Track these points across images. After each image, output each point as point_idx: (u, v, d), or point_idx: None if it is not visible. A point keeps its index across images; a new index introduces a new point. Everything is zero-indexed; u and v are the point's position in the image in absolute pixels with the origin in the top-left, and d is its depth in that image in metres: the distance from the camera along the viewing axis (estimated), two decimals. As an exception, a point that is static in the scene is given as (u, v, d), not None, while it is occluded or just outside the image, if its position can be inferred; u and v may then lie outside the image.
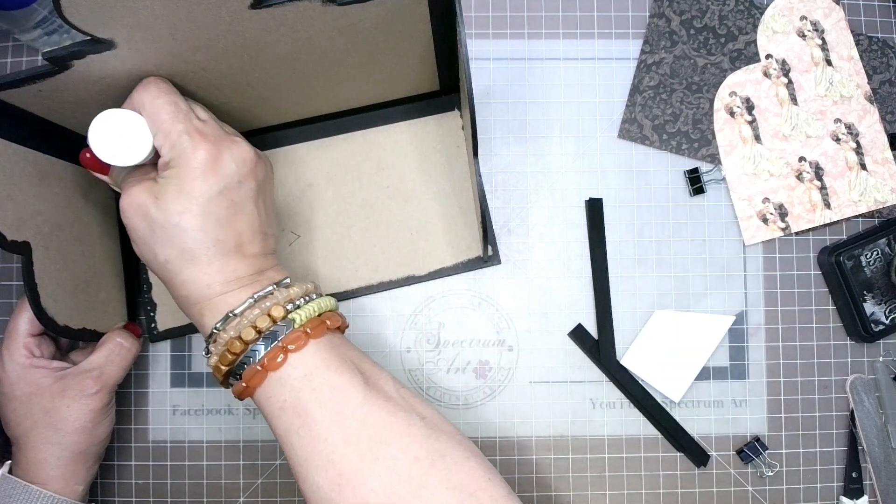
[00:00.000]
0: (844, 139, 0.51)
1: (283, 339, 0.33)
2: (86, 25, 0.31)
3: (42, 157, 0.40)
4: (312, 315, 0.35)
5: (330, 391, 0.33)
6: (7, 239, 0.35)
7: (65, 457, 0.41)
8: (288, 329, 0.34)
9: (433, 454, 0.32)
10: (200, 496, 0.49)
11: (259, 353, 0.33)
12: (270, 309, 0.34)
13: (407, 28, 0.38)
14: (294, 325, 0.34)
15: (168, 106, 0.35)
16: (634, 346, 0.50)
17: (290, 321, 0.34)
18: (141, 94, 0.35)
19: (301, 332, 0.34)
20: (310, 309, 0.35)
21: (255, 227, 0.37)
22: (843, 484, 0.50)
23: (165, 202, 0.34)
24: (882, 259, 0.49)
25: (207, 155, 0.34)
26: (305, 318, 0.35)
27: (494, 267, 0.50)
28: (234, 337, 0.33)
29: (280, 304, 0.34)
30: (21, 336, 0.41)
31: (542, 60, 0.52)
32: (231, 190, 0.35)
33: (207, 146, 0.34)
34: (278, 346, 0.33)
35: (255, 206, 0.37)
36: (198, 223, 0.34)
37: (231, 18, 0.33)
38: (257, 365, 0.33)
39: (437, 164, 0.50)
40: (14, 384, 0.41)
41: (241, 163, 0.36)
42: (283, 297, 0.35)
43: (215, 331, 0.34)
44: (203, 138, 0.34)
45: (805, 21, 0.51)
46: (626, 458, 0.50)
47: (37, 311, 0.38)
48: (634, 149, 0.51)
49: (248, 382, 0.34)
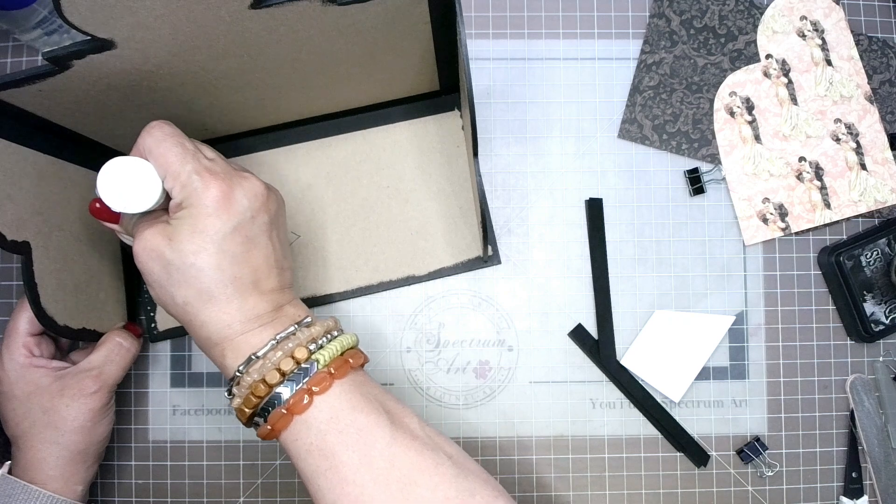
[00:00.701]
0: (844, 139, 0.51)
1: (308, 381, 0.33)
2: (86, 25, 0.31)
3: (42, 157, 0.40)
4: (336, 355, 0.35)
5: (357, 432, 0.33)
6: (7, 239, 0.35)
7: (64, 456, 0.41)
8: (312, 370, 0.33)
9: (463, 493, 0.32)
10: (200, 496, 0.49)
11: (284, 395, 0.33)
12: (294, 350, 0.34)
13: (407, 28, 0.38)
14: (318, 366, 0.33)
15: (175, 147, 0.34)
16: (634, 346, 0.50)
17: (313, 362, 0.34)
18: (146, 139, 0.35)
19: (325, 373, 0.33)
20: (333, 348, 0.35)
21: (271, 262, 0.36)
22: (843, 484, 0.50)
23: (180, 243, 0.33)
24: (882, 259, 0.49)
25: (219, 192, 0.34)
26: (329, 359, 0.34)
27: (494, 267, 0.50)
28: (258, 380, 0.33)
29: (303, 345, 0.34)
30: (21, 336, 0.41)
31: (542, 60, 0.52)
32: (245, 226, 0.35)
33: (218, 183, 0.34)
34: (303, 388, 0.33)
35: (270, 239, 0.36)
36: (214, 261, 0.33)
37: (231, 18, 0.33)
38: (282, 408, 0.33)
39: (437, 164, 0.50)
40: (13, 384, 0.41)
41: (252, 198, 0.35)
42: (306, 336, 0.35)
43: (238, 373, 0.34)
44: (213, 176, 0.34)
45: (805, 21, 0.51)
46: (626, 458, 0.50)
47: (37, 310, 0.38)
48: (634, 149, 0.51)
49: (274, 426, 0.33)
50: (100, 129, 0.43)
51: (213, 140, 0.49)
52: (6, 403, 0.41)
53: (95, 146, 0.45)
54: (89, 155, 0.45)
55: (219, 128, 0.48)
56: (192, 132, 0.47)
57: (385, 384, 0.50)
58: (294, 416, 0.33)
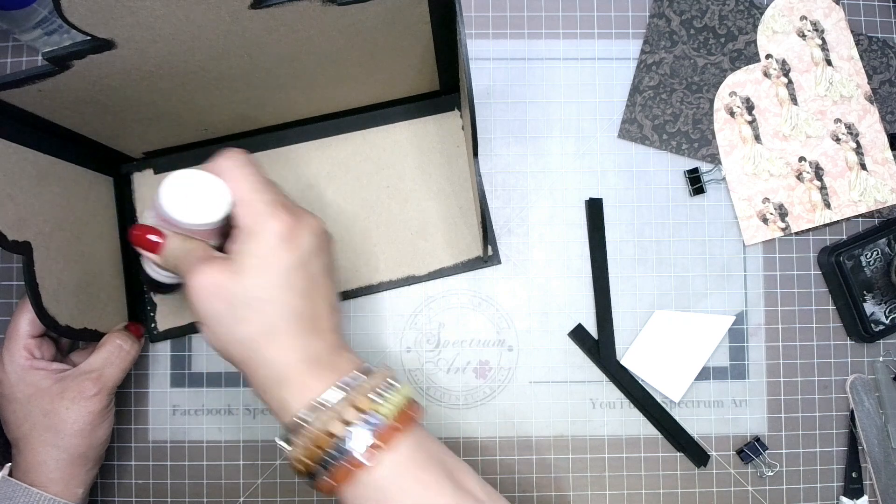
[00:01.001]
0: (844, 139, 0.51)
1: (375, 434, 0.31)
2: (86, 25, 0.31)
3: (42, 158, 0.40)
4: (399, 406, 0.33)
5: (420, 491, 0.31)
6: (8, 239, 0.35)
7: (64, 459, 0.41)
8: (377, 423, 0.32)
9: None
10: (200, 496, 0.49)
11: (347, 448, 0.31)
12: (356, 399, 0.32)
13: (407, 28, 0.38)
14: (383, 419, 0.32)
15: (252, 177, 0.35)
16: (634, 346, 0.50)
17: (375, 414, 0.32)
18: (224, 162, 0.35)
19: (390, 426, 0.32)
20: (395, 400, 0.33)
21: (330, 301, 0.36)
22: (843, 484, 0.50)
23: (246, 276, 0.32)
24: (882, 259, 0.49)
25: (286, 225, 0.34)
26: (393, 411, 0.32)
27: (494, 267, 0.50)
28: (322, 430, 0.31)
29: (365, 395, 0.32)
30: (22, 337, 0.41)
31: (542, 60, 0.52)
32: (309, 262, 0.34)
33: (288, 217, 0.34)
34: (372, 443, 0.31)
35: (328, 279, 0.36)
36: (281, 296, 0.33)
37: (231, 19, 0.33)
38: (347, 462, 0.31)
39: (437, 164, 0.50)
40: (14, 386, 0.41)
41: (317, 235, 0.35)
42: (368, 385, 0.33)
43: (300, 420, 0.32)
44: (285, 209, 0.34)
45: (805, 21, 0.51)
46: (626, 458, 0.50)
47: (38, 311, 0.38)
48: (634, 149, 0.51)
49: (336, 480, 0.31)
50: (100, 129, 0.43)
51: (213, 140, 0.49)
52: (7, 406, 0.41)
53: (95, 146, 0.45)
54: (89, 155, 0.45)
55: (219, 128, 0.48)
56: (192, 132, 0.47)
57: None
58: (358, 470, 0.31)
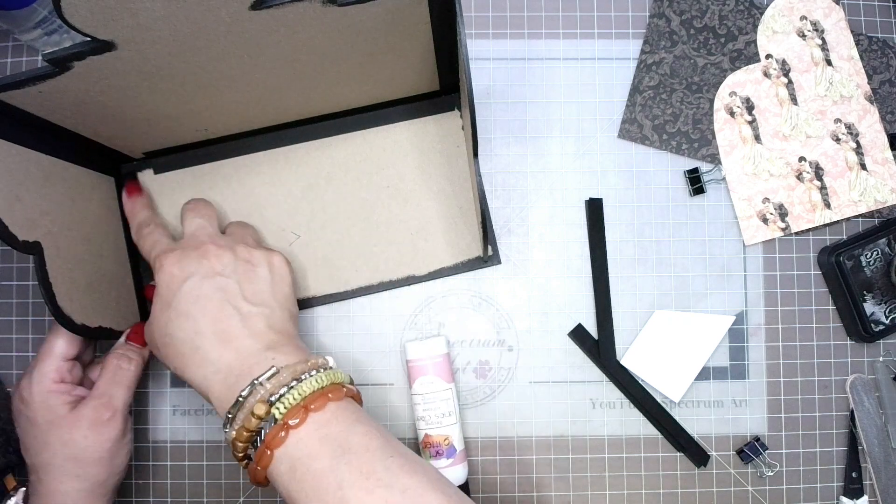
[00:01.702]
0: (844, 139, 0.51)
1: (268, 433, 0.35)
2: (86, 27, 0.31)
3: (45, 159, 0.40)
4: (311, 390, 0.36)
5: (312, 480, 0.34)
6: (19, 239, 0.36)
7: (85, 489, 0.40)
8: (283, 410, 0.35)
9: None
10: (200, 496, 0.49)
11: (261, 435, 0.35)
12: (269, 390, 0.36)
13: (407, 28, 0.38)
14: (288, 404, 0.35)
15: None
16: (634, 346, 0.50)
17: (281, 405, 0.35)
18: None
19: (278, 429, 0.35)
20: (306, 386, 0.36)
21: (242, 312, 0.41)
22: (843, 484, 0.50)
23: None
24: (882, 259, 0.49)
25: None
26: (300, 398, 0.36)
27: (494, 267, 0.50)
28: (245, 422, 0.35)
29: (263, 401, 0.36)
30: (56, 358, 0.41)
31: (542, 60, 0.52)
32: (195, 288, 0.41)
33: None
34: (261, 448, 0.35)
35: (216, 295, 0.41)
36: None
37: (231, 20, 0.33)
38: (262, 446, 0.35)
39: (437, 164, 0.50)
40: (37, 410, 0.40)
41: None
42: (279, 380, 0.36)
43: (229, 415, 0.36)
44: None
45: (805, 21, 0.51)
46: (626, 458, 0.50)
47: (53, 309, 0.38)
48: (634, 149, 0.51)
49: (260, 465, 0.35)
50: (100, 130, 0.43)
51: (213, 140, 0.49)
52: (28, 429, 0.41)
53: (96, 147, 0.45)
54: (90, 156, 0.45)
55: (219, 128, 0.48)
56: (191, 132, 0.47)
57: (385, 384, 0.50)
58: (265, 469, 0.35)
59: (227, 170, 0.50)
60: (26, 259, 0.50)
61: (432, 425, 0.46)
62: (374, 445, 0.35)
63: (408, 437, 0.49)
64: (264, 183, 0.50)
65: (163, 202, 0.50)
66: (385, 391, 0.50)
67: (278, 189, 0.50)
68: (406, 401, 0.49)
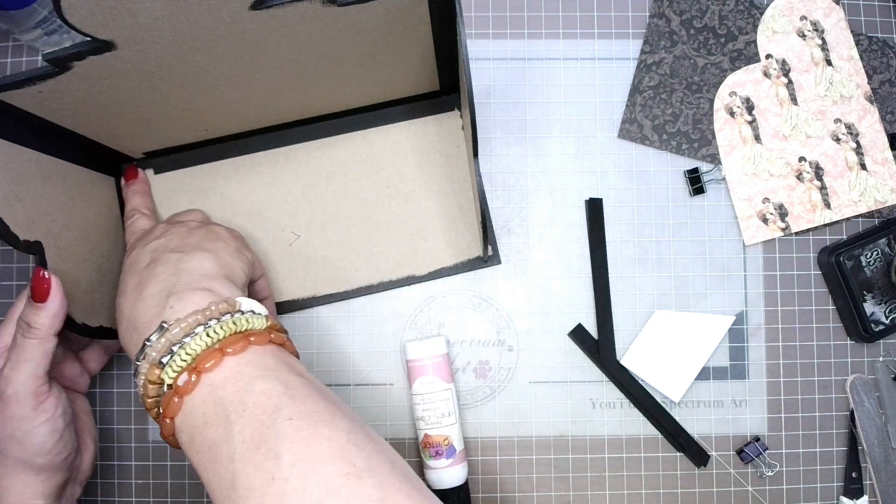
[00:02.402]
0: (844, 139, 0.51)
1: (188, 366, 0.31)
2: (86, 27, 0.31)
3: (45, 159, 0.40)
4: (224, 335, 0.32)
5: (207, 450, 0.30)
6: (20, 239, 0.36)
7: (8, 465, 0.37)
8: (185, 359, 0.32)
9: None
10: (200, 496, 0.49)
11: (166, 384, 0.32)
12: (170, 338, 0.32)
13: (407, 28, 0.38)
14: (192, 353, 0.31)
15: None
16: (634, 346, 0.50)
17: (183, 352, 0.32)
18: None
19: (207, 353, 0.31)
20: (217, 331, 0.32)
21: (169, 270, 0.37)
22: (843, 484, 0.50)
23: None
24: (882, 259, 0.49)
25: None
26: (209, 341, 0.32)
27: (494, 267, 0.50)
28: (149, 373, 0.32)
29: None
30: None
31: (542, 60, 0.52)
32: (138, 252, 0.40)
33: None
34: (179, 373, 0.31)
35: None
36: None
37: (231, 20, 0.33)
38: (170, 395, 0.31)
39: (437, 164, 0.50)
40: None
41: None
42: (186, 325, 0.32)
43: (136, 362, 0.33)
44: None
45: (805, 21, 0.51)
46: (626, 458, 0.50)
47: None
48: (634, 149, 0.51)
49: (168, 415, 0.31)
50: (100, 130, 0.43)
51: (213, 140, 0.49)
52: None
53: (96, 146, 0.45)
54: (90, 155, 0.45)
55: (219, 128, 0.48)
56: (191, 132, 0.47)
57: (385, 384, 0.50)
58: (180, 399, 0.31)
59: (227, 170, 0.50)
60: (26, 259, 0.50)
61: (432, 425, 0.46)
62: (270, 406, 0.30)
63: (408, 437, 0.49)
64: (264, 183, 0.50)
65: (163, 202, 0.50)
66: (385, 391, 0.50)
67: (278, 189, 0.50)
68: (406, 401, 0.49)
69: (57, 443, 0.38)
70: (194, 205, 0.50)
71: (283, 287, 0.50)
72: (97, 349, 0.46)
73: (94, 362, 0.45)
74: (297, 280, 0.50)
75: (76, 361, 0.44)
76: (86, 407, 0.44)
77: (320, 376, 0.49)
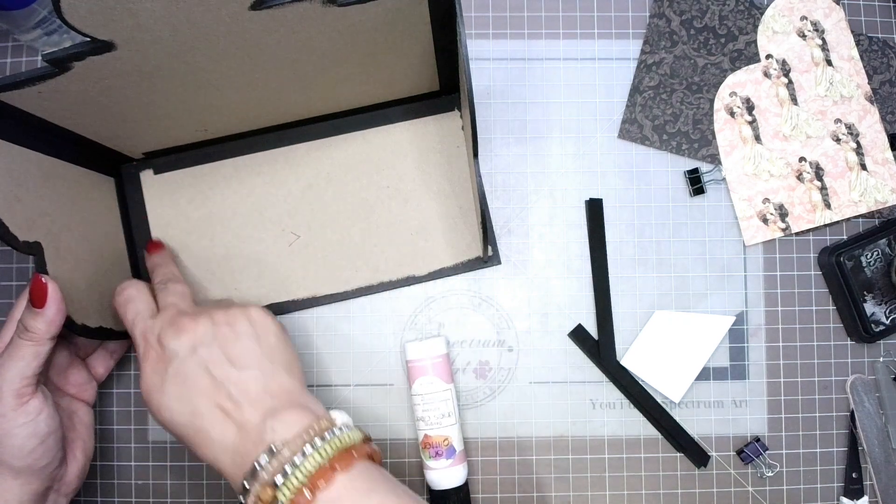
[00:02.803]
0: (845, 139, 0.51)
1: (306, 482, 0.33)
2: (85, 27, 0.31)
3: (45, 159, 0.40)
4: (334, 452, 0.34)
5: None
6: (19, 240, 0.36)
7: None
8: (300, 477, 0.33)
9: None
10: (200, 496, 0.49)
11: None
12: (282, 461, 0.34)
13: (407, 28, 0.38)
14: (307, 471, 0.33)
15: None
16: (634, 346, 0.50)
17: (297, 472, 0.33)
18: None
19: (322, 470, 0.33)
20: (327, 449, 0.34)
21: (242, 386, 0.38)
22: (843, 484, 0.50)
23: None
24: (882, 259, 0.49)
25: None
26: (322, 460, 0.33)
27: (494, 267, 0.50)
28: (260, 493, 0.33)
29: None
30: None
31: (542, 60, 0.52)
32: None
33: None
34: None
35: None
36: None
37: (231, 20, 0.33)
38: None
39: (437, 164, 0.50)
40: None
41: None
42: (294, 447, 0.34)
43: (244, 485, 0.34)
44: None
45: (805, 21, 0.51)
46: (626, 458, 0.50)
47: None
48: (634, 149, 0.51)
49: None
50: (100, 130, 0.43)
51: (213, 140, 0.49)
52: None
53: (96, 147, 0.45)
54: (90, 156, 0.45)
55: (219, 128, 0.48)
56: (191, 133, 0.47)
57: (385, 385, 0.50)
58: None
59: (227, 170, 0.50)
60: (26, 259, 0.50)
61: (432, 426, 0.46)
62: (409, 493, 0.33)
63: (408, 438, 0.49)
64: (264, 183, 0.50)
65: (163, 202, 0.50)
66: (385, 391, 0.50)
67: (278, 189, 0.50)
68: (406, 401, 0.49)
69: (37, 447, 0.38)
70: (194, 205, 0.50)
71: (283, 287, 0.50)
72: (103, 354, 0.46)
73: (102, 367, 0.46)
74: (297, 280, 0.50)
75: (83, 368, 0.44)
76: (86, 419, 0.44)
77: (320, 376, 0.50)
